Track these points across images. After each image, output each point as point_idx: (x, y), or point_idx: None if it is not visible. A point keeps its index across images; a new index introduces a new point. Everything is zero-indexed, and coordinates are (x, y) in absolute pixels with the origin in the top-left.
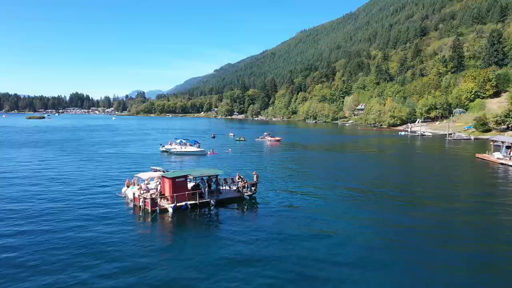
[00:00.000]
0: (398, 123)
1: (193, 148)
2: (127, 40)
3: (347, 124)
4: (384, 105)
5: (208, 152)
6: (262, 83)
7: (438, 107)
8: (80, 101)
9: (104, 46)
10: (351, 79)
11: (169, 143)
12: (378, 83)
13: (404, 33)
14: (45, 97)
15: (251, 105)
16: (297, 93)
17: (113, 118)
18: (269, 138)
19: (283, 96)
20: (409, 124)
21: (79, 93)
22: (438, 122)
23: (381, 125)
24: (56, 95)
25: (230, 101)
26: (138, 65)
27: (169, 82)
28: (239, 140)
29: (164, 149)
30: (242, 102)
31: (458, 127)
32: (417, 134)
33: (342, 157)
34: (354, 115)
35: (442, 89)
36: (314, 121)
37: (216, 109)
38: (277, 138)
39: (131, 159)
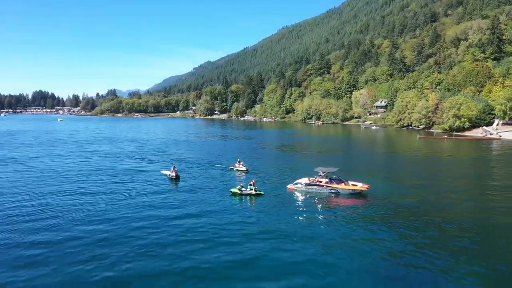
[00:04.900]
0: (466, 126)
1: None
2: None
3: (373, 128)
4: (427, 100)
5: None
6: (248, 78)
7: None
8: (43, 100)
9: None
10: (356, 70)
11: None
12: (391, 75)
13: (411, 19)
14: (2, 95)
15: (235, 103)
16: (290, 88)
17: (59, 120)
18: (337, 187)
19: (274, 92)
20: (484, 127)
21: (43, 91)
22: None
23: (430, 127)
24: (17, 93)
25: (211, 98)
26: (117, 64)
27: (149, 82)
28: (242, 194)
29: None
30: (224, 99)
31: None
32: None
33: None
34: (370, 114)
35: (496, 78)
36: (319, 122)
37: (194, 107)
38: (360, 187)
39: None
